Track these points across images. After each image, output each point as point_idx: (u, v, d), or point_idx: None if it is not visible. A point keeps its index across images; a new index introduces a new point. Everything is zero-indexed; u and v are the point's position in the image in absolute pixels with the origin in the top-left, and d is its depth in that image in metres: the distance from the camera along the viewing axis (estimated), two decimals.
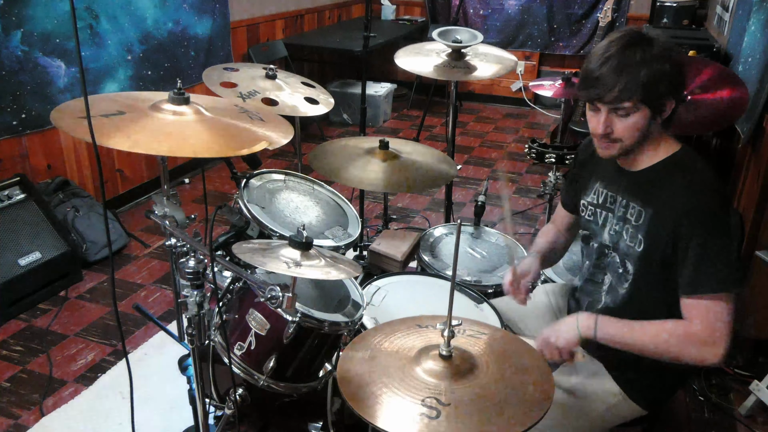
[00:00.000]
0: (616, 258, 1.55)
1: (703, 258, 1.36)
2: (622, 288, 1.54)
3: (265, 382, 1.55)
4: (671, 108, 1.41)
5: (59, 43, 3.21)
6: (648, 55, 1.34)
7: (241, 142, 1.43)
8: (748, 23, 3.24)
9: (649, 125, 1.41)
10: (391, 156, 2.17)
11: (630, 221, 1.49)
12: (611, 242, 1.55)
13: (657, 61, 1.34)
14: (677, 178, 1.43)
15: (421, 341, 1.27)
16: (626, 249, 1.51)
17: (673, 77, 1.37)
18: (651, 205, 1.45)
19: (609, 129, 1.42)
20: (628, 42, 1.36)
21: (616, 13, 5.58)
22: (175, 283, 1.78)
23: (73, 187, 3.32)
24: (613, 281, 1.58)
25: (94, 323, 2.77)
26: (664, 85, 1.36)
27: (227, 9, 4.42)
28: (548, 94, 3.45)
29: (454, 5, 6.07)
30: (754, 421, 2.30)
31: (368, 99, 5.23)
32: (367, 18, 2.91)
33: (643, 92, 1.35)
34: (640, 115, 1.38)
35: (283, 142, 1.50)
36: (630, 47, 1.35)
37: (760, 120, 2.73)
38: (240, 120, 1.54)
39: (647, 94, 1.35)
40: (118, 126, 1.36)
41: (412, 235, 2.33)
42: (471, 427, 1.06)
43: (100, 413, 2.26)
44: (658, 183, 1.45)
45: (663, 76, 1.35)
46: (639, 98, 1.36)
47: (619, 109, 1.39)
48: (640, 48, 1.35)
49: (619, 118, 1.40)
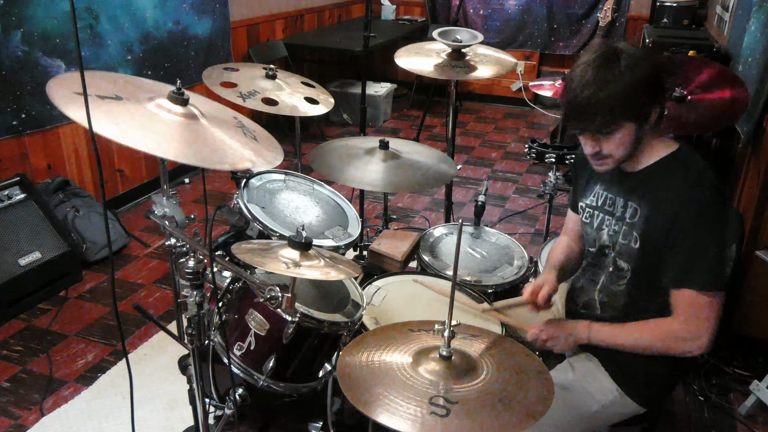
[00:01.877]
0: (611, 257, 1.57)
1: (692, 252, 1.39)
2: (618, 286, 1.56)
3: (265, 382, 1.55)
4: (656, 113, 1.41)
5: (59, 43, 3.21)
6: (620, 73, 1.34)
7: (224, 157, 1.38)
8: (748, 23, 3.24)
9: (637, 135, 1.42)
10: (391, 156, 2.17)
11: (625, 219, 1.51)
12: (610, 242, 1.57)
13: (629, 76, 1.34)
14: (674, 174, 1.44)
15: (419, 344, 1.27)
16: (621, 247, 1.53)
17: (649, 85, 1.37)
18: (646, 202, 1.47)
19: (597, 148, 1.45)
20: (600, 63, 1.36)
21: (616, 13, 5.58)
22: (175, 283, 1.78)
23: (73, 187, 3.32)
24: (605, 280, 1.60)
25: (94, 323, 2.77)
26: (642, 96, 1.37)
27: (227, 9, 4.42)
28: (548, 94, 3.44)
29: (454, 5, 6.07)
30: (754, 421, 2.30)
31: (368, 99, 5.23)
32: (367, 18, 2.91)
33: (622, 111, 1.36)
34: (625, 131, 1.40)
35: (267, 167, 1.47)
36: (603, 69, 1.35)
37: (760, 120, 2.72)
38: (232, 134, 1.51)
39: (627, 110, 1.37)
40: (110, 111, 1.31)
41: (412, 235, 2.33)
42: (482, 423, 1.07)
43: (100, 413, 2.26)
44: (654, 180, 1.47)
45: (638, 87, 1.35)
46: (621, 119, 1.38)
47: (602, 132, 1.41)
48: (613, 66, 1.35)
49: (606, 137, 1.42)
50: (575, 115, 1.41)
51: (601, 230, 1.60)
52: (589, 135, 1.44)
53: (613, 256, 1.56)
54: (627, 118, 1.38)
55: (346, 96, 5.44)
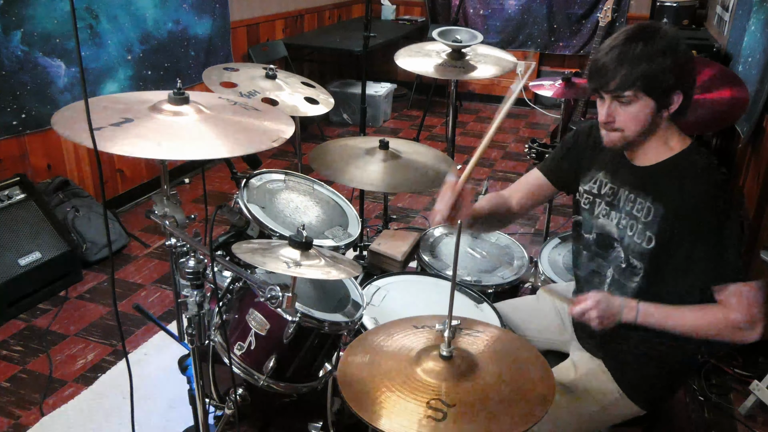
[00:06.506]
0: (620, 253, 1.54)
1: (724, 249, 1.39)
2: (632, 282, 1.54)
3: (265, 382, 1.54)
4: (679, 101, 1.40)
5: (59, 43, 3.21)
6: (650, 48, 1.35)
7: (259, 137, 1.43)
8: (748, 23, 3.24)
9: (653, 117, 1.41)
10: (391, 156, 2.17)
11: (638, 218, 1.49)
12: (618, 236, 1.55)
13: (659, 54, 1.35)
14: (691, 173, 1.43)
15: (420, 342, 1.27)
16: (632, 245, 1.50)
17: (677, 70, 1.37)
18: (663, 201, 1.44)
19: (611, 118, 1.43)
20: (632, 35, 1.38)
21: (616, 13, 5.58)
22: (175, 283, 1.78)
23: (73, 187, 3.32)
24: (616, 275, 1.57)
25: (94, 323, 2.77)
26: (666, 78, 1.36)
27: (227, 9, 4.42)
28: (548, 94, 3.44)
29: (454, 5, 6.07)
30: (754, 421, 2.30)
31: (368, 99, 5.23)
32: (367, 18, 2.91)
33: (643, 82, 1.36)
34: (642, 105, 1.39)
35: (290, 133, 1.51)
36: (634, 39, 1.36)
37: (760, 120, 2.73)
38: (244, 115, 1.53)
39: (648, 84, 1.36)
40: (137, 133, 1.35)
41: (412, 235, 2.33)
42: (477, 428, 1.06)
43: (100, 413, 2.26)
44: (670, 178, 1.45)
45: (665, 68, 1.35)
46: (640, 88, 1.37)
47: (621, 98, 1.40)
48: (643, 40, 1.36)
49: (622, 107, 1.41)
50: (596, 72, 1.41)
51: (599, 219, 1.58)
52: (608, 100, 1.42)
53: (622, 251, 1.54)
54: (647, 92, 1.37)
55: (346, 96, 5.44)
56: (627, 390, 1.58)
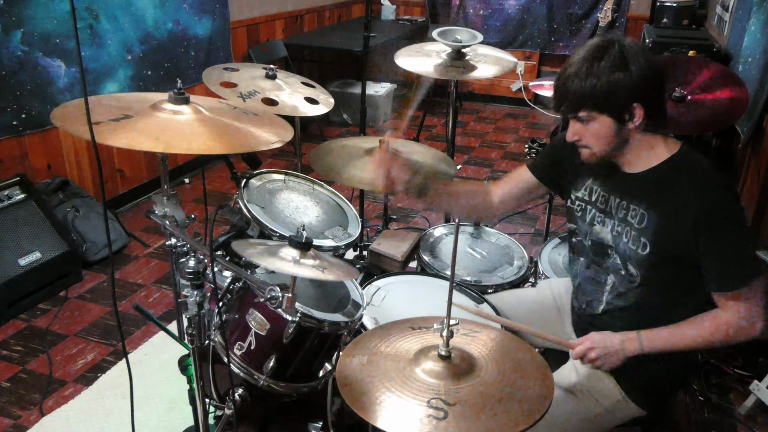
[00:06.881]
0: (617, 260, 1.54)
1: (726, 255, 1.39)
2: (629, 290, 1.53)
3: (265, 382, 1.54)
4: (641, 114, 1.39)
5: (59, 43, 3.21)
6: (598, 66, 1.36)
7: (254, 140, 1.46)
8: (748, 23, 3.24)
9: (618, 133, 1.42)
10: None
11: (632, 224, 1.48)
12: (613, 243, 1.55)
13: (607, 72, 1.35)
14: (685, 178, 1.42)
15: (417, 343, 1.27)
16: (627, 252, 1.50)
17: (630, 84, 1.36)
18: (657, 207, 1.44)
19: (578, 136, 1.46)
20: (585, 54, 1.39)
21: (616, 13, 5.58)
22: (175, 283, 1.78)
23: (73, 187, 3.32)
24: (616, 282, 1.57)
25: (94, 323, 2.77)
26: (618, 93, 1.36)
27: (227, 9, 4.42)
28: (548, 94, 3.45)
29: (454, 5, 6.07)
30: (754, 421, 2.30)
31: (368, 99, 5.22)
32: (367, 18, 2.91)
33: (592, 101, 1.38)
34: (601, 123, 1.41)
35: (286, 139, 1.53)
36: (586, 59, 1.38)
37: (760, 120, 2.73)
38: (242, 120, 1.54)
39: (597, 103, 1.38)
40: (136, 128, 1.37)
41: (412, 235, 2.33)
42: (479, 426, 1.06)
43: (100, 413, 2.26)
44: (663, 184, 1.44)
45: (616, 85, 1.35)
46: (590, 107, 1.39)
47: (579, 119, 1.43)
48: (593, 59, 1.37)
49: (584, 125, 1.44)
50: (554, 94, 1.46)
51: (594, 226, 1.58)
52: (572, 120, 1.46)
53: (618, 258, 1.53)
54: (601, 111, 1.39)
55: (346, 96, 5.44)
56: (629, 392, 1.57)
